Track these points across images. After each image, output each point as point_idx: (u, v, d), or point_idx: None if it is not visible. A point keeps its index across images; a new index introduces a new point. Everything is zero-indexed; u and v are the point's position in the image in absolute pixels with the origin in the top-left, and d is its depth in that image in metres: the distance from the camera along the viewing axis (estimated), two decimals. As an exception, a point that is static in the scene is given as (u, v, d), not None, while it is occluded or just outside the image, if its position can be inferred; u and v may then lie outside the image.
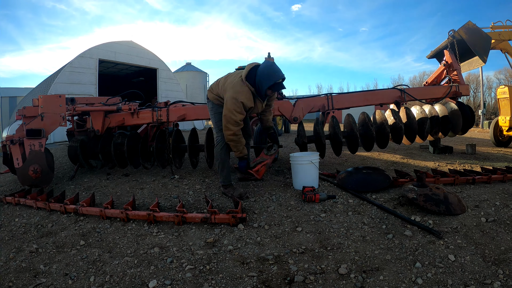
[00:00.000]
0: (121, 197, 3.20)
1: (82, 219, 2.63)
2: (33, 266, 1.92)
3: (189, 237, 2.19)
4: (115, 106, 4.33)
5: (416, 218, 2.29)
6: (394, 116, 4.02)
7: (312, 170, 3.14)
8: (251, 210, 2.64)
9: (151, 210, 2.48)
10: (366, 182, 3.02)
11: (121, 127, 4.68)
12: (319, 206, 2.66)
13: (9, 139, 3.47)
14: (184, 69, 22.24)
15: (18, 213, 2.93)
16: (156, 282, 1.67)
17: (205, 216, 2.37)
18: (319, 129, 3.87)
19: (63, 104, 3.76)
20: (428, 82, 5.17)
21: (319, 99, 4.25)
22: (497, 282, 1.52)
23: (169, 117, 4.20)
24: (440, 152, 5.27)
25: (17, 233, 2.46)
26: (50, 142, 9.48)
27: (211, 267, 1.81)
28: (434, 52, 5.53)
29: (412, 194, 2.50)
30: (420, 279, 1.58)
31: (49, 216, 2.77)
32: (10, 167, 3.79)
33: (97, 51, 11.93)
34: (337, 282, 1.62)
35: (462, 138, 8.35)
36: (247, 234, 2.20)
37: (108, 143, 4.12)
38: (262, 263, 1.83)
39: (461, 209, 2.40)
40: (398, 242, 1.97)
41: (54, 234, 2.40)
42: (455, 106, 4.31)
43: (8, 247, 2.21)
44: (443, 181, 3.13)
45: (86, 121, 4.62)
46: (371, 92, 4.66)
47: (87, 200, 2.83)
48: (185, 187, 3.45)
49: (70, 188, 3.67)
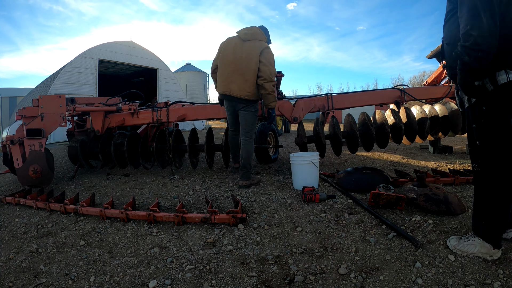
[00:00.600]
0: (121, 197, 3.21)
1: (82, 219, 2.63)
2: (33, 266, 1.92)
3: (189, 237, 2.20)
4: (115, 106, 4.33)
5: (416, 218, 2.29)
6: (394, 116, 4.02)
7: (312, 170, 3.14)
8: (251, 210, 2.64)
9: (151, 210, 2.48)
10: (365, 182, 3.02)
11: (121, 127, 4.68)
12: (319, 206, 2.66)
13: (9, 139, 3.47)
14: (184, 69, 22.24)
15: (18, 213, 2.93)
16: (156, 282, 1.67)
17: (205, 216, 2.37)
18: (319, 129, 3.87)
19: (63, 104, 3.76)
20: (428, 82, 5.17)
21: (319, 99, 4.26)
22: (497, 282, 1.52)
23: (169, 117, 4.20)
24: (440, 152, 5.27)
25: (17, 233, 2.46)
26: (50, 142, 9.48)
27: (211, 267, 1.81)
28: (434, 52, 5.52)
29: (412, 194, 2.49)
30: (420, 279, 1.58)
31: (49, 216, 2.77)
32: (10, 167, 3.79)
33: (97, 51, 11.94)
34: (337, 282, 1.62)
35: (462, 138, 8.35)
36: (247, 234, 2.20)
37: (108, 143, 4.13)
38: (262, 263, 1.83)
39: (461, 209, 2.40)
40: (398, 242, 1.97)
41: (54, 234, 2.40)
42: (455, 106, 4.31)
43: (8, 247, 2.21)
44: (443, 181, 3.13)
45: (86, 121, 4.63)
46: (371, 92, 4.66)
47: (87, 200, 2.83)
48: (185, 187, 3.45)
49: (70, 188, 3.68)
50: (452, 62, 1.74)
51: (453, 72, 1.75)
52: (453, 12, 1.68)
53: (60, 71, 11.22)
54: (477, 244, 1.71)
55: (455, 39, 1.64)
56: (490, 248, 1.68)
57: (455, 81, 1.83)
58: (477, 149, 1.71)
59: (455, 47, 1.63)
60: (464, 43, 1.45)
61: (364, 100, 4.35)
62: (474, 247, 1.72)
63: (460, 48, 1.47)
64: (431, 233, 2.07)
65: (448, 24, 1.74)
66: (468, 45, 1.43)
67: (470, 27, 1.41)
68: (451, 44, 1.71)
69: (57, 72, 11.64)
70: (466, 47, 1.44)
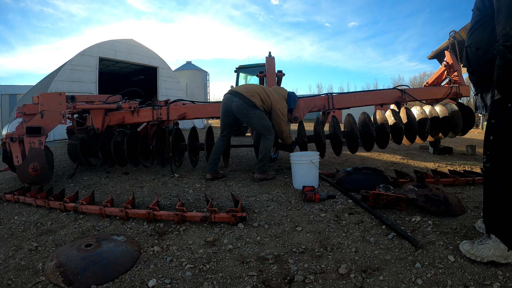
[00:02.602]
0: (120, 196, 3.20)
1: (82, 217, 2.63)
2: (32, 264, 1.92)
3: (189, 236, 2.19)
4: (115, 104, 4.32)
5: (416, 218, 2.29)
6: (394, 117, 4.02)
7: (312, 169, 3.14)
8: (251, 209, 2.63)
9: (151, 208, 2.48)
10: (365, 182, 3.02)
11: (121, 125, 4.67)
12: (319, 205, 2.66)
13: (9, 137, 3.46)
14: (184, 67, 22.22)
15: (18, 211, 2.92)
16: (155, 281, 1.67)
17: (205, 215, 2.37)
18: (319, 128, 3.87)
19: (63, 102, 3.75)
20: (429, 82, 5.17)
21: (320, 98, 4.25)
22: (496, 283, 1.52)
23: (169, 115, 4.20)
24: (440, 153, 5.27)
25: (16, 231, 2.46)
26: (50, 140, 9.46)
27: (211, 266, 1.80)
28: (435, 52, 5.54)
29: (412, 195, 2.49)
30: (420, 280, 1.58)
31: (49, 214, 2.77)
32: (10, 165, 3.78)
33: (97, 49, 11.91)
34: (337, 282, 1.62)
35: (462, 139, 8.36)
36: (247, 233, 2.20)
37: (108, 141, 4.12)
38: (262, 263, 1.83)
39: (461, 210, 2.40)
40: (398, 242, 1.97)
41: (54, 232, 2.39)
42: (455, 107, 4.31)
43: (7, 245, 2.20)
44: (443, 182, 3.13)
45: (86, 119, 4.62)
46: (372, 92, 4.66)
47: (87, 198, 2.83)
48: (185, 186, 3.45)
49: (69, 186, 3.67)
50: (479, 66, 1.87)
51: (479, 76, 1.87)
52: (484, 21, 1.83)
53: (60, 69, 11.19)
54: (491, 247, 1.67)
55: (487, 44, 1.78)
56: (505, 250, 1.64)
57: (480, 85, 1.91)
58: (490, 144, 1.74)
59: (486, 51, 1.78)
60: (505, 43, 1.57)
61: (365, 100, 4.34)
62: (488, 251, 1.67)
63: (502, 47, 1.58)
64: (431, 233, 2.07)
65: (478, 31, 1.87)
66: (509, 45, 1.55)
67: (510, 28, 1.56)
68: (482, 49, 1.83)
69: (58, 70, 11.61)
70: (507, 47, 1.56)
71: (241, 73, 10.87)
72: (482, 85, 1.89)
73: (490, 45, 1.73)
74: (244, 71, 10.91)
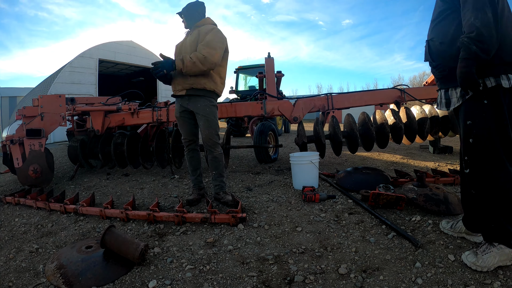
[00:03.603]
0: (121, 197, 3.21)
1: (82, 219, 2.63)
2: (33, 266, 1.92)
3: (189, 237, 2.20)
4: (115, 106, 4.33)
5: (416, 218, 2.29)
6: (394, 116, 4.02)
7: (312, 170, 3.14)
8: (251, 210, 2.64)
9: (151, 210, 2.48)
10: (365, 182, 3.02)
11: (121, 127, 4.68)
12: (319, 206, 2.66)
13: (9, 139, 3.47)
14: (184, 69, 22.19)
15: (18, 213, 2.93)
16: (156, 282, 1.67)
17: (205, 216, 2.37)
18: (319, 129, 3.87)
19: (63, 104, 3.76)
20: (428, 82, 5.17)
21: (319, 99, 4.25)
22: (497, 282, 1.52)
23: (169, 117, 4.20)
24: (440, 152, 5.26)
25: (17, 233, 2.46)
26: (50, 142, 9.48)
27: (211, 267, 1.81)
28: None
29: (412, 194, 2.49)
30: (420, 279, 1.58)
31: (49, 216, 2.77)
32: (10, 167, 3.79)
33: (97, 51, 11.94)
34: (337, 282, 1.62)
35: (462, 138, 8.35)
36: (247, 234, 2.20)
37: (108, 143, 4.13)
38: (262, 263, 1.83)
39: (461, 209, 2.40)
40: (398, 242, 1.97)
41: (54, 234, 2.40)
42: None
43: (8, 247, 2.21)
44: (443, 181, 3.13)
45: (86, 121, 4.63)
46: (371, 92, 4.66)
47: (87, 200, 2.83)
48: (185, 187, 3.45)
49: (70, 188, 3.68)
50: (443, 61, 1.74)
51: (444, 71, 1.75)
52: (448, 12, 1.69)
53: (60, 71, 11.22)
54: (496, 254, 1.61)
55: (451, 38, 1.65)
56: (509, 254, 1.61)
57: (444, 81, 1.80)
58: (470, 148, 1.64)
59: (450, 45, 1.65)
60: (469, 34, 1.49)
61: (364, 100, 4.34)
62: (494, 258, 1.61)
63: (466, 39, 1.49)
64: (431, 233, 2.07)
65: (442, 23, 1.74)
66: (473, 36, 1.47)
67: (474, 18, 1.47)
68: (445, 43, 1.71)
69: (57, 72, 11.64)
70: (471, 38, 1.47)
71: (240, 74, 10.91)
72: (447, 80, 1.77)
73: (454, 39, 1.61)
74: (243, 72, 10.95)
